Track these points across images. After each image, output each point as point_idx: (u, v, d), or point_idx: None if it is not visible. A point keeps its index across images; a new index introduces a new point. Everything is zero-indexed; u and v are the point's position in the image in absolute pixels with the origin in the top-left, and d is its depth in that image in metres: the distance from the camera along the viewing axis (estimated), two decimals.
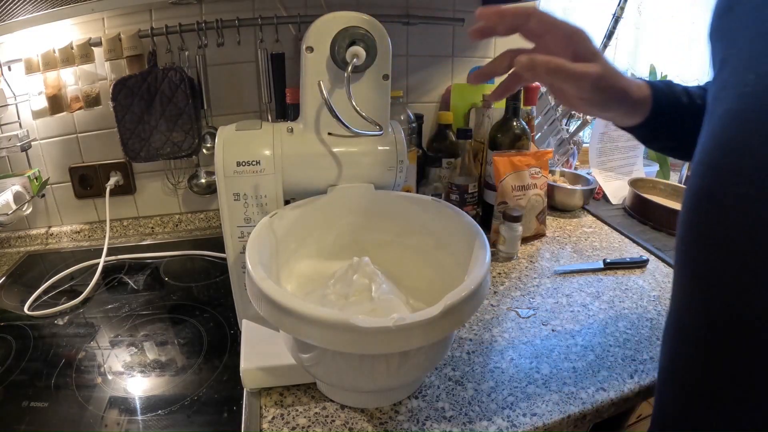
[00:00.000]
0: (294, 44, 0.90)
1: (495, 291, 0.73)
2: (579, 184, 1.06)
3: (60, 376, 0.58)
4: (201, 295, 0.76)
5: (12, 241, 0.92)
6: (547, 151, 0.89)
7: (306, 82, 0.53)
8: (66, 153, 0.90)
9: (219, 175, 0.53)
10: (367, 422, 0.49)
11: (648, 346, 0.61)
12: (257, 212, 0.55)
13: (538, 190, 0.87)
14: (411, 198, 0.59)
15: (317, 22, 0.51)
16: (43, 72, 0.80)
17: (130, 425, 0.51)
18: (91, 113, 0.86)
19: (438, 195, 0.90)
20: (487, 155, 0.90)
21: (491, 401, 0.52)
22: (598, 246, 0.88)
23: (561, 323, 0.66)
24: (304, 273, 0.57)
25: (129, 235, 0.97)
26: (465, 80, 1.08)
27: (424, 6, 0.97)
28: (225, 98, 0.92)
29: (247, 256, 0.46)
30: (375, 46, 0.51)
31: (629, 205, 1.03)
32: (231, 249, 0.57)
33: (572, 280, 0.77)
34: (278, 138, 0.55)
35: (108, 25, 0.83)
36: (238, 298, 0.61)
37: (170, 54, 0.85)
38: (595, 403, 0.52)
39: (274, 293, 0.40)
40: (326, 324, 0.38)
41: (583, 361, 0.58)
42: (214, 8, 0.85)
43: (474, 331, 0.64)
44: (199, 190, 0.96)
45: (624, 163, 1.13)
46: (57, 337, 0.65)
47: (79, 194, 0.93)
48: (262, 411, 0.51)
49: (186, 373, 0.59)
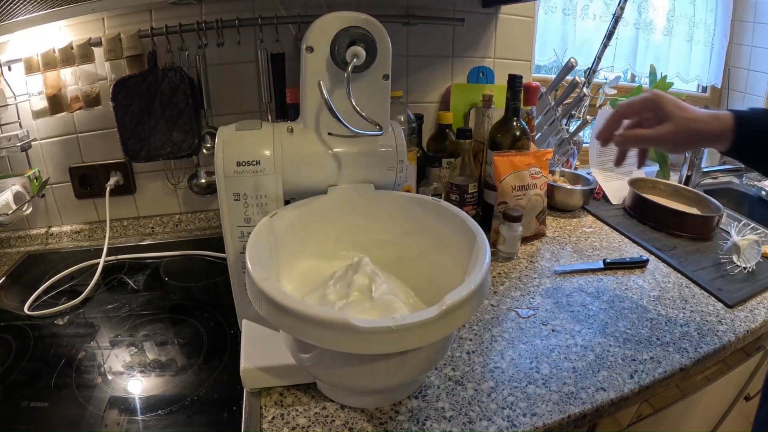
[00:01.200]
0: (294, 44, 0.90)
1: (495, 291, 0.73)
2: (579, 184, 1.06)
3: (60, 376, 0.58)
4: (201, 295, 0.76)
5: (12, 241, 0.92)
6: (547, 151, 0.89)
7: (306, 82, 0.53)
8: (66, 153, 0.90)
9: (219, 175, 0.53)
10: (367, 422, 0.49)
11: (648, 346, 0.61)
12: (257, 212, 0.55)
13: (538, 190, 0.87)
14: (411, 198, 0.59)
15: (317, 22, 0.51)
16: (43, 72, 0.80)
17: (130, 425, 0.51)
18: (91, 113, 0.86)
19: (438, 195, 0.90)
20: (487, 155, 0.90)
21: (491, 401, 0.52)
22: (598, 246, 0.88)
23: (561, 323, 0.66)
24: (304, 273, 0.57)
25: (129, 235, 0.97)
26: (465, 80, 1.08)
27: (424, 6, 0.97)
28: (225, 98, 0.91)
29: (247, 256, 0.46)
30: (375, 46, 0.51)
31: (629, 205, 1.03)
32: (231, 249, 0.57)
33: (572, 280, 0.77)
34: (278, 138, 0.55)
35: (108, 25, 0.83)
36: (238, 298, 0.61)
37: (170, 54, 0.85)
38: (595, 403, 0.52)
39: (274, 293, 0.40)
40: (326, 324, 0.38)
41: (583, 361, 0.58)
42: (214, 8, 0.85)
43: (474, 331, 0.64)
44: (199, 190, 0.96)
45: (624, 163, 1.13)
46: (57, 337, 0.65)
47: (79, 194, 0.93)
48: (262, 411, 0.51)
49: (186, 373, 0.59)
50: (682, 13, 1.43)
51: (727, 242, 0.84)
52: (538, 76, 1.29)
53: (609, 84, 1.22)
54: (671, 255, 0.85)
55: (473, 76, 1.08)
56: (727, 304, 0.71)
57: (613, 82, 1.22)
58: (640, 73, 1.43)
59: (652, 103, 0.57)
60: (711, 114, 0.56)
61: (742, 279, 0.78)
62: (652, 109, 0.57)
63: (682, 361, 0.59)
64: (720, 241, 0.88)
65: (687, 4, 1.42)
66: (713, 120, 0.55)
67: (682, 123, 0.55)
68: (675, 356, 0.59)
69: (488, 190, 0.91)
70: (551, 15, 1.25)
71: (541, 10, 1.19)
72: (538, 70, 1.32)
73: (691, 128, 0.55)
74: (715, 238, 0.92)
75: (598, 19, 1.31)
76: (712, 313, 0.69)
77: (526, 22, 1.09)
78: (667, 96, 0.58)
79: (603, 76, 1.36)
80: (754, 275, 0.79)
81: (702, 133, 0.55)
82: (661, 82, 1.28)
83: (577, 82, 1.06)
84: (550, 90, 1.10)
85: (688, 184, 1.16)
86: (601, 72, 1.30)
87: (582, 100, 1.09)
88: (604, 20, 1.31)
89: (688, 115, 0.55)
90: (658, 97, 0.57)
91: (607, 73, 1.38)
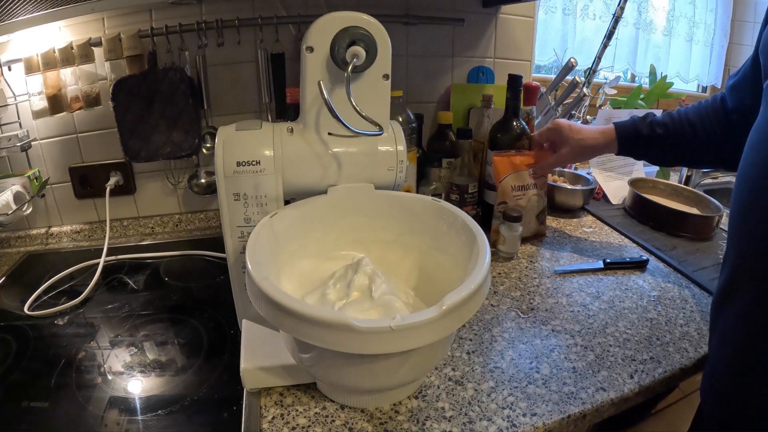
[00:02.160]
0: (294, 44, 0.90)
1: (495, 291, 0.73)
2: (579, 184, 1.06)
3: (60, 376, 0.58)
4: (201, 295, 0.76)
5: (12, 241, 0.92)
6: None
7: (306, 82, 0.53)
8: (66, 153, 0.90)
9: (219, 175, 0.53)
10: (367, 422, 0.49)
11: (648, 346, 0.61)
12: (257, 212, 0.55)
13: (538, 190, 0.87)
14: (411, 198, 0.59)
15: (317, 22, 0.51)
16: (43, 72, 0.80)
17: (130, 425, 0.51)
18: (91, 113, 0.86)
19: (438, 195, 0.90)
20: (487, 155, 0.90)
21: (491, 401, 0.52)
22: (598, 246, 0.88)
23: (561, 323, 0.66)
24: (304, 273, 0.57)
25: (129, 235, 0.97)
26: (465, 80, 1.08)
27: (424, 6, 0.97)
28: (225, 98, 0.92)
29: (247, 256, 0.46)
30: (375, 46, 0.51)
31: (629, 205, 1.03)
32: (231, 249, 0.57)
33: (572, 280, 0.77)
34: (278, 138, 0.55)
35: (108, 25, 0.83)
36: (238, 298, 0.61)
37: (170, 54, 0.85)
38: (595, 403, 0.52)
39: (274, 293, 0.40)
40: (326, 324, 0.38)
41: (583, 361, 0.58)
42: (214, 8, 0.85)
43: (474, 331, 0.64)
44: (199, 190, 0.96)
45: (624, 163, 1.13)
46: (57, 337, 0.65)
47: (79, 194, 0.93)
48: (262, 411, 0.51)
49: (186, 373, 0.59)
50: (682, 13, 1.43)
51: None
52: (538, 76, 1.29)
53: (609, 84, 1.22)
54: (671, 255, 0.85)
55: (473, 76, 1.08)
56: None
57: (613, 82, 1.22)
58: (640, 73, 1.44)
59: (554, 132, 0.79)
60: (599, 130, 0.75)
61: None
62: (555, 135, 0.79)
63: (682, 361, 0.59)
64: (720, 241, 0.88)
65: (687, 4, 1.42)
66: (600, 135, 0.75)
67: (576, 143, 0.76)
68: (675, 356, 0.59)
69: (488, 190, 0.91)
70: (551, 15, 1.25)
71: (541, 10, 1.19)
72: (538, 70, 1.32)
73: (584, 146, 0.76)
74: (715, 238, 0.92)
75: (598, 19, 1.31)
76: None
77: (526, 22, 1.09)
78: (564, 124, 0.78)
79: (603, 76, 1.36)
80: None
81: (594, 148, 0.77)
82: (661, 82, 1.28)
83: (577, 82, 1.06)
84: (550, 90, 1.10)
85: (688, 184, 1.16)
86: (601, 72, 1.30)
87: (582, 100, 1.09)
88: (604, 20, 1.31)
89: (580, 136, 0.76)
90: (557, 125, 0.78)
91: (607, 73, 1.38)
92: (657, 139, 0.72)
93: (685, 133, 0.70)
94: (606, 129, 0.75)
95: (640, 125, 0.73)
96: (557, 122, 0.78)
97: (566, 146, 0.77)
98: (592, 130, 0.76)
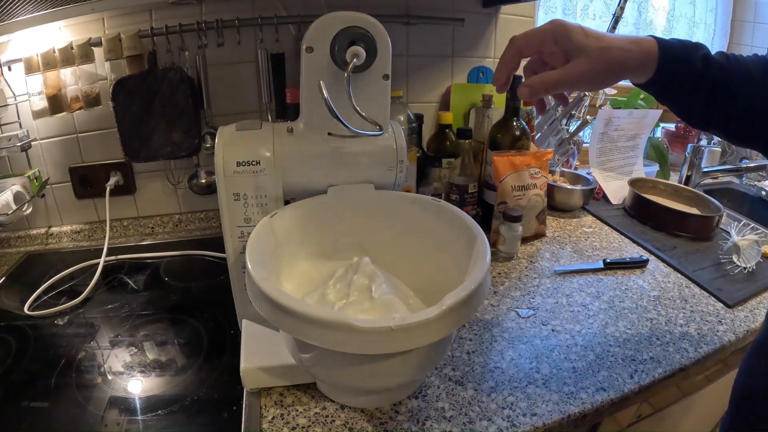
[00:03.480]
0: (294, 44, 0.90)
1: (495, 291, 0.73)
2: (579, 184, 1.06)
3: (60, 376, 0.58)
4: (201, 295, 0.76)
5: (12, 241, 0.92)
6: (547, 151, 0.89)
7: (306, 82, 0.53)
8: (66, 153, 0.90)
9: (219, 175, 0.53)
10: (367, 422, 0.49)
11: (648, 346, 0.61)
12: (257, 212, 0.55)
13: (538, 190, 0.87)
14: (411, 198, 0.59)
15: (317, 22, 0.50)
16: (43, 72, 0.80)
17: (130, 425, 0.51)
18: (91, 113, 0.86)
19: (438, 195, 0.90)
20: (487, 155, 0.90)
21: (491, 401, 0.52)
22: (598, 246, 0.88)
23: (561, 323, 0.66)
24: (304, 273, 0.57)
25: (129, 235, 0.97)
26: (465, 80, 1.08)
27: (424, 6, 0.97)
28: (225, 98, 0.91)
29: (247, 256, 0.46)
30: (375, 46, 0.51)
31: (629, 205, 1.03)
32: (231, 249, 0.57)
33: (572, 280, 0.77)
34: (278, 138, 0.55)
35: (108, 25, 0.83)
36: (238, 298, 0.61)
37: (170, 54, 0.85)
38: (595, 403, 0.52)
39: (274, 293, 0.40)
40: (326, 324, 0.38)
41: (583, 361, 0.58)
42: (214, 8, 0.85)
43: (474, 331, 0.64)
44: (199, 190, 0.96)
45: (624, 163, 1.13)
46: (57, 337, 0.65)
47: (79, 194, 0.93)
48: (262, 411, 0.51)
49: (186, 373, 0.59)
50: (682, 13, 1.43)
51: (727, 242, 0.84)
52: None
53: None
54: (671, 255, 0.85)
55: (473, 76, 1.08)
56: (727, 304, 0.71)
57: None
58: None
59: (554, 35, 0.45)
60: (630, 39, 0.46)
61: (742, 279, 0.78)
62: (556, 42, 0.46)
63: (682, 361, 0.59)
64: (720, 241, 0.88)
65: (687, 4, 1.42)
66: (634, 46, 0.45)
67: (598, 54, 0.45)
68: (675, 356, 0.59)
69: (488, 190, 0.91)
70: (551, 15, 1.25)
71: (541, 10, 1.19)
72: None
73: (609, 59, 0.45)
74: (715, 238, 0.92)
75: (598, 19, 1.31)
76: (712, 313, 0.69)
77: (526, 22, 1.09)
78: (571, 24, 0.46)
79: None
80: (754, 275, 0.79)
81: (624, 63, 0.45)
82: None
83: None
84: None
85: (688, 184, 1.16)
86: None
87: (582, 100, 1.09)
88: (604, 20, 1.31)
89: (603, 44, 0.45)
90: (562, 26, 0.45)
91: None
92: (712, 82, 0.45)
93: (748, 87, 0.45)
94: (642, 39, 0.46)
95: (692, 53, 0.45)
96: (561, 21, 0.46)
97: (582, 58, 0.45)
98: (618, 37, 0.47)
